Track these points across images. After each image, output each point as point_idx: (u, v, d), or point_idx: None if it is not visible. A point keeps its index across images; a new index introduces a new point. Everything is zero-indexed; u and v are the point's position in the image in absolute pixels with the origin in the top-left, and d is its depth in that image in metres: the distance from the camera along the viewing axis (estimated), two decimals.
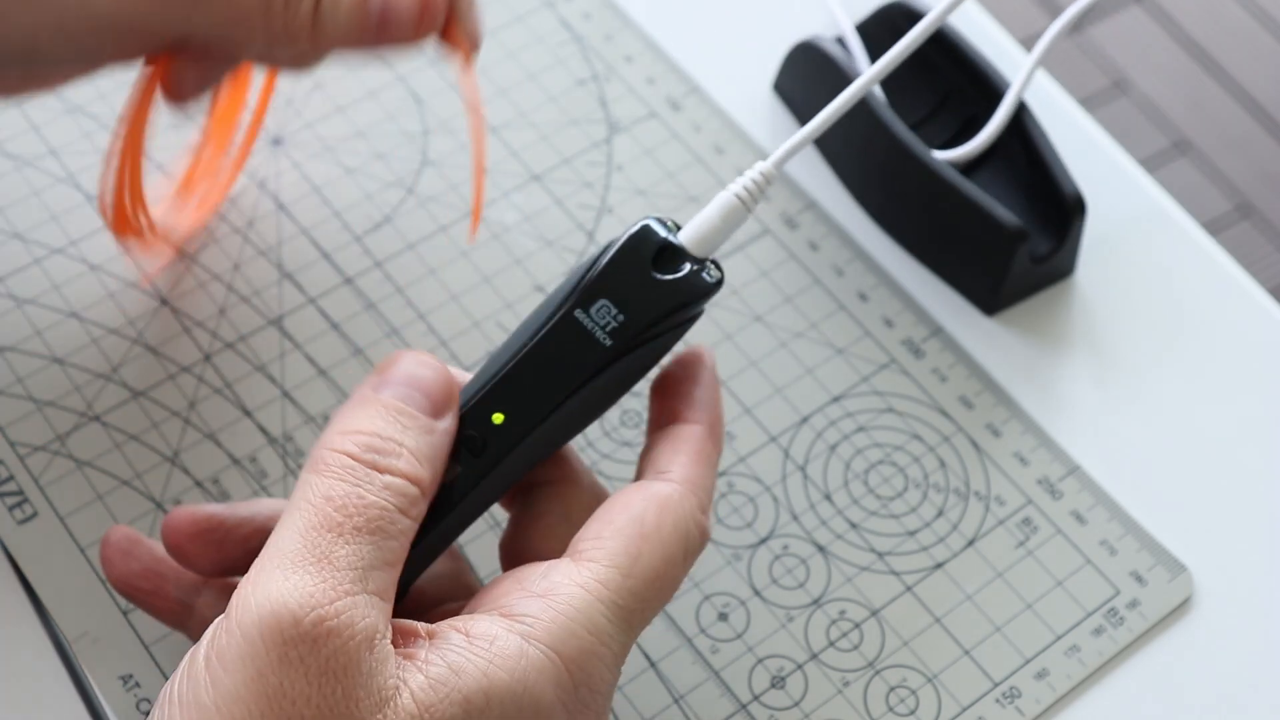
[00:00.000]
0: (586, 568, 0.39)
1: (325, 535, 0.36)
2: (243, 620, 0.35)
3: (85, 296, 0.52)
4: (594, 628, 0.38)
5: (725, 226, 0.43)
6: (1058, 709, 0.48)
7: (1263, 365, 0.55)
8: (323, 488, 0.37)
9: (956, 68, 0.57)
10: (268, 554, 0.37)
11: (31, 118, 0.56)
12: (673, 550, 0.40)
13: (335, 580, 0.36)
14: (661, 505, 0.40)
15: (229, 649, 0.35)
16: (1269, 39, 1.70)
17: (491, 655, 0.36)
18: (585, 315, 0.41)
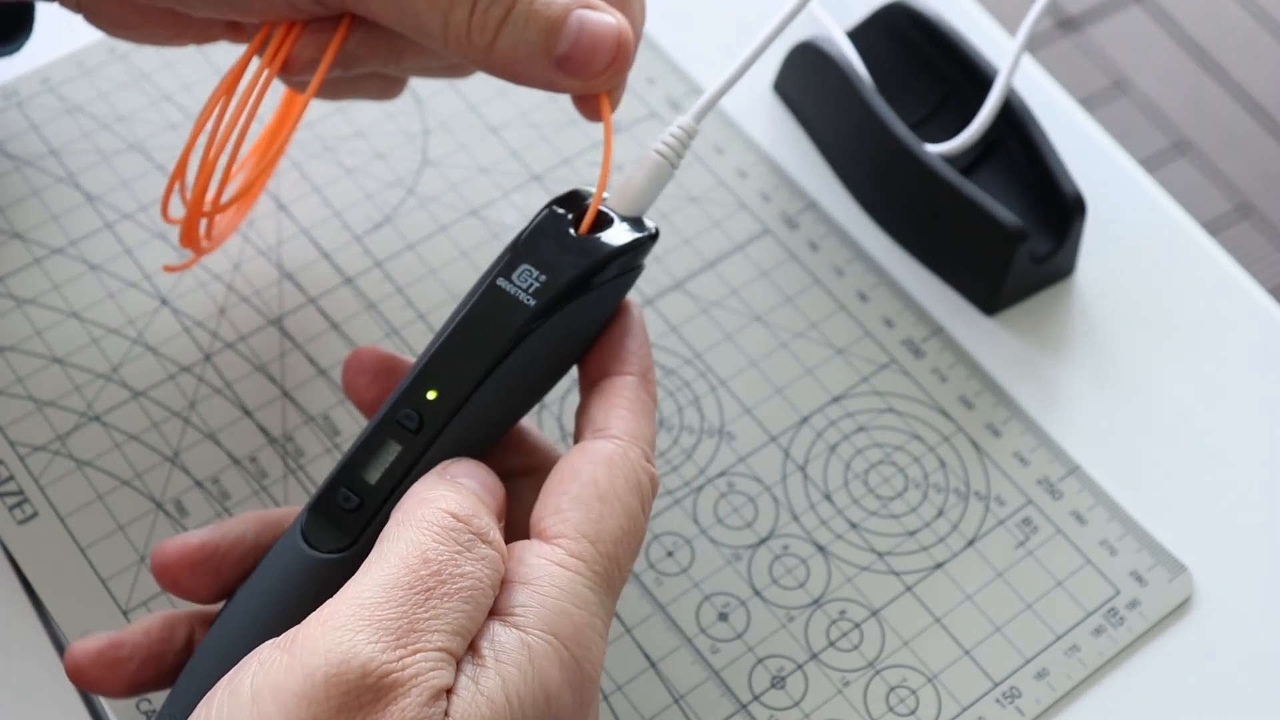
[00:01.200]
0: (557, 544, 0.39)
1: (413, 597, 0.36)
2: (308, 661, 0.35)
3: (85, 296, 0.52)
4: (581, 601, 0.38)
5: (651, 185, 0.43)
6: (1058, 709, 0.48)
7: (1262, 365, 0.55)
8: (420, 546, 0.37)
9: (956, 68, 0.57)
10: (346, 602, 0.36)
11: (31, 118, 0.56)
12: (631, 505, 0.40)
13: (413, 641, 0.35)
14: (610, 464, 0.41)
15: (286, 686, 0.35)
16: (1269, 39, 1.70)
17: (499, 659, 0.37)
18: (508, 282, 0.41)
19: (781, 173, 0.58)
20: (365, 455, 0.41)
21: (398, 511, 0.39)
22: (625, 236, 0.42)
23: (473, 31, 0.42)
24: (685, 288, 0.55)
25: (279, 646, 0.36)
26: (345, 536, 0.40)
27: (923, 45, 0.58)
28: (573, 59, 0.42)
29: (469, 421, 0.41)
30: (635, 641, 0.48)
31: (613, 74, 0.43)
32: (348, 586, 0.37)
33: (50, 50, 0.58)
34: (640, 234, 0.43)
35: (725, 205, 0.57)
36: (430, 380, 0.41)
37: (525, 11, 0.42)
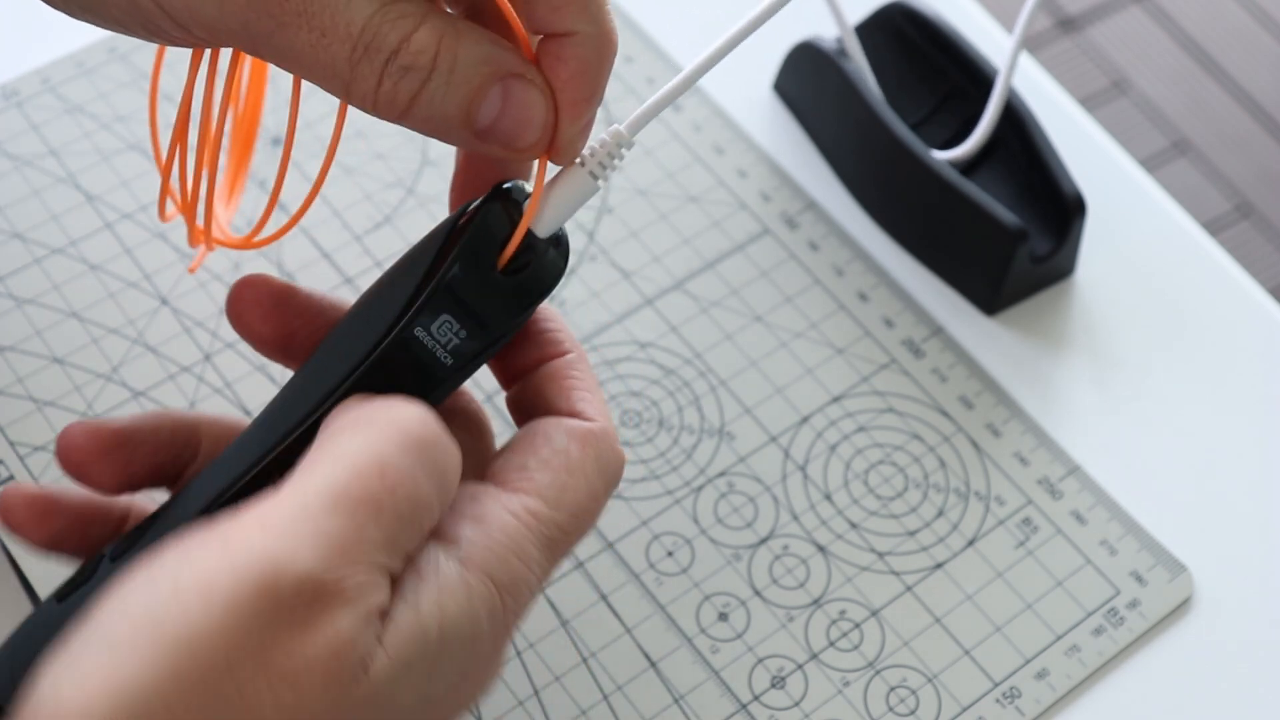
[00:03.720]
0: (515, 497, 0.38)
1: (363, 510, 0.34)
2: (240, 562, 0.33)
3: (85, 296, 0.52)
4: (524, 555, 0.37)
5: (571, 201, 0.40)
6: (1058, 709, 0.48)
7: (1262, 365, 0.55)
8: (380, 455, 0.35)
9: (956, 68, 0.57)
10: (290, 503, 0.34)
11: (31, 118, 0.56)
12: (596, 485, 0.40)
13: (354, 556, 0.34)
14: (584, 439, 0.40)
15: (215, 586, 0.32)
16: (1268, 39, 1.70)
17: (440, 585, 0.35)
18: (426, 334, 0.38)
19: (781, 173, 0.58)
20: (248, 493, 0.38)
21: (355, 409, 0.37)
22: (548, 273, 0.40)
23: (380, 103, 0.38)
24: (685, 288, 0.55)
25: (208, 541, 0.34)
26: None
27: (923, 45, 0.58)
28: (494, 133, 0.38)
29: None
30: (635, 641, 0.48)
31: (535, 151, 0.39)
32: (294, 480, 0.35)
33: (50, 50, 0.58)
34: (557, 263, 0.40)
35: (725, 205, 0.57)
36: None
37: (443, 83, 0.38)
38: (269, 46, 0.38)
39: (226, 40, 0.38)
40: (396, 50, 0.37)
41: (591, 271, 0.55)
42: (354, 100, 0.38)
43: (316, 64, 0.38)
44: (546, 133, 0.39)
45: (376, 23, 0.37)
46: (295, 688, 0.33)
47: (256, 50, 0.38)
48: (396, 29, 0.37)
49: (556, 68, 0.39)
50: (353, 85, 0.38)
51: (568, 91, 0.39)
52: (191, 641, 0.32)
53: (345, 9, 0.37)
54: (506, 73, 0.38)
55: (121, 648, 0.32)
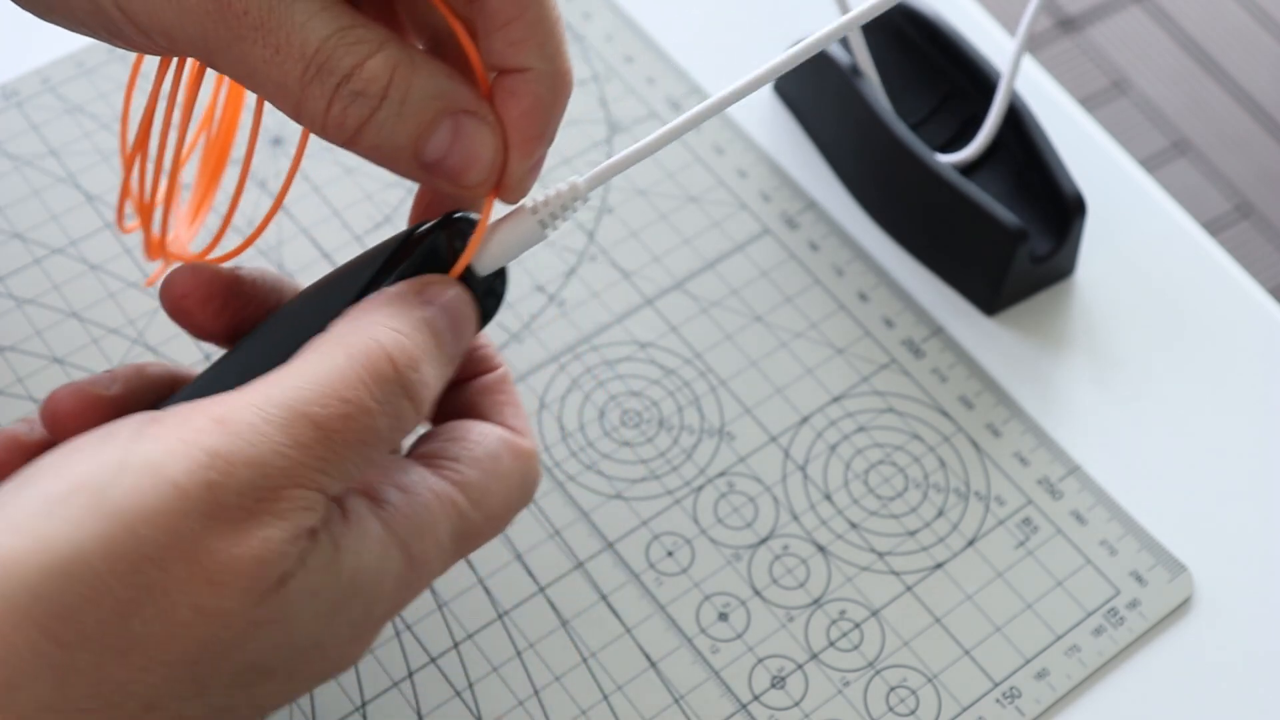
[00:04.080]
0: (442, 483, 0.39)
1: (315, 432, 0.35)
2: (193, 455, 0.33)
3: (85, 296, 0.52)
4: (438, 539, 0.38)
5: (516, 246, 0.40)
6: (1058, 709, 0.48)
7: (1262, 365, 0.55)
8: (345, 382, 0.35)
9: (956, 68, 0.57)
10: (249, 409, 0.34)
11: (31, 118, 0.56)
12: (514, 498, 0.41)
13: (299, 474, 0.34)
14: (517, 454, 0.41)
15: (163, 469, 0.33)
16: (1268, 39, 1.70)
17: (362, 533, 0.36)
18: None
19: (781, 173, 0.58)
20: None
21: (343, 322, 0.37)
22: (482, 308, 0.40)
23: (329, 126, 0.38)
24: (685, 288, 0.55)
25: (162, 423, 0.34)
26: None
27: (923, 45, 0.58)
28: (441, 167, 0.38)
29: None
30: (635, 641, 0.48)
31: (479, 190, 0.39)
32: (262, 384, 0.35)
33: (50, 50, 0.58)
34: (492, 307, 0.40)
35: (725, 205, 0.57)
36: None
37: (393, 113, 0.37)
38: (225, 58, 0.38)
39: (185, 48, 0.38)
40: (349, 75, 0.37)
41: (591, 271, 0.55)
42: (303, 121, 0.38)
43: (269, 80, 0.37)
44: (494, 172, 0.39)
45: (332, 45, 0.37)
46: (214, 586, 0.33)
47: (213, 61, 0.38)
48: (351, 54, 0.37)
49: (509, 103, 0.39)
50: (303, 105, 0.38)
51: (519, 128, 0.39)
52: (130, 516, 0.33)
53: (301, 29, 0.37)
54: (458, 108, 0.38)
55: (58, 506, 0.33)
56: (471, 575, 0.48)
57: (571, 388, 0.52)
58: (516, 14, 0.38)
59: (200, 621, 0.33)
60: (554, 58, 0.39)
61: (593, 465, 0.51)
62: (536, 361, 0.52)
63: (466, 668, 0.47)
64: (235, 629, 0.34)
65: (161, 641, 0.33)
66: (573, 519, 0.50)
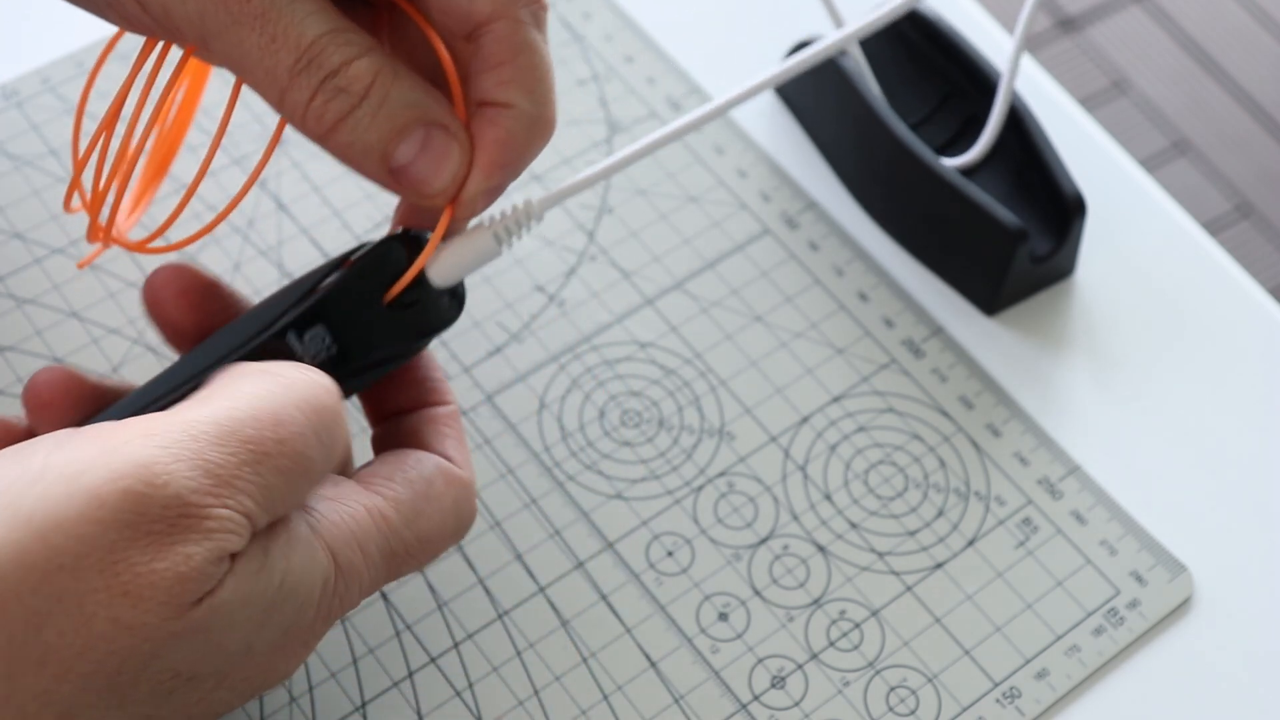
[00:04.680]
0: (373, 496, 0.39)
1: (247, 452, 0.34)
2: (115, 465, 0.33)
3: (85, 296, 0.52)
4: (366, 549, 0.38)
5: (472, 261, 0.41)
6: (1058, 709, 0.48)
7: (1262, 365, 0.55)
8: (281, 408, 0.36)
9: (956, 68, 0.57)
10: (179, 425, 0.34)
11: (31, 117, 0.56)
12: (448, 525, 0.41)
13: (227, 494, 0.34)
14: (450, 481, 0.41)
15: (83, 479, 0.33)
16: (1268, 39, 1.70)
17: (290, 538, 0.36)
18: (297, 340, 0.40)
19: (782, 173, 0.58)
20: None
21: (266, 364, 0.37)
22: (434, 316, 0.41)
23: (308, 118, 0.40)
24: (685, 288, 0.55)
25: (86, 435, 0.34)
26: None
27: (923, 45, 0.58)
28: (406, 174, 0.40)
29: None
30: (635, 641, 0.48)
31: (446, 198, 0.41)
32: (187, 406, 0.35)
33: (50, 50, 0.58)
34: (444, 314, 0.41)
35: (725, 205, 0.57)
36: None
37: (370, 114, 0.39)
38: (219, 41, 0.39)
39: (180, 27, 0.39)
40: (336, 70, 0.39)
41: (591, 271, 0.55)
42: (285, 110, 0.40)
43: (259, 68, 0.39)
44: (455, 186, 0.40)
45: (325, 42, 0.39)
46: (132, 599, 0.33)
47: (205, 43, 0.39)
48: (340, 52, 0.39)
49: (485, 129, 0.40)
50: (287, 94, 0.39)
51: (488, 152, 0.40)
52: (43, 524, 0.32)
53: (299, 23, 0.38)
54: (432, 120, 0.40)
55: None
56: (471, 575, 0.48)
57: (571, 388, 0.52)
58: (509, 58, 0.40)
59: (117, 634, 0.33)
60: (539, 102, 0.40)
61: (593, 465, 0.51)
62: (536, 361, 0.52)
63: (466, 668, 0.47)
64: (155, 641, 0.33)
65: (77, 652, 0.33)
66: (573, 519, 0.50)
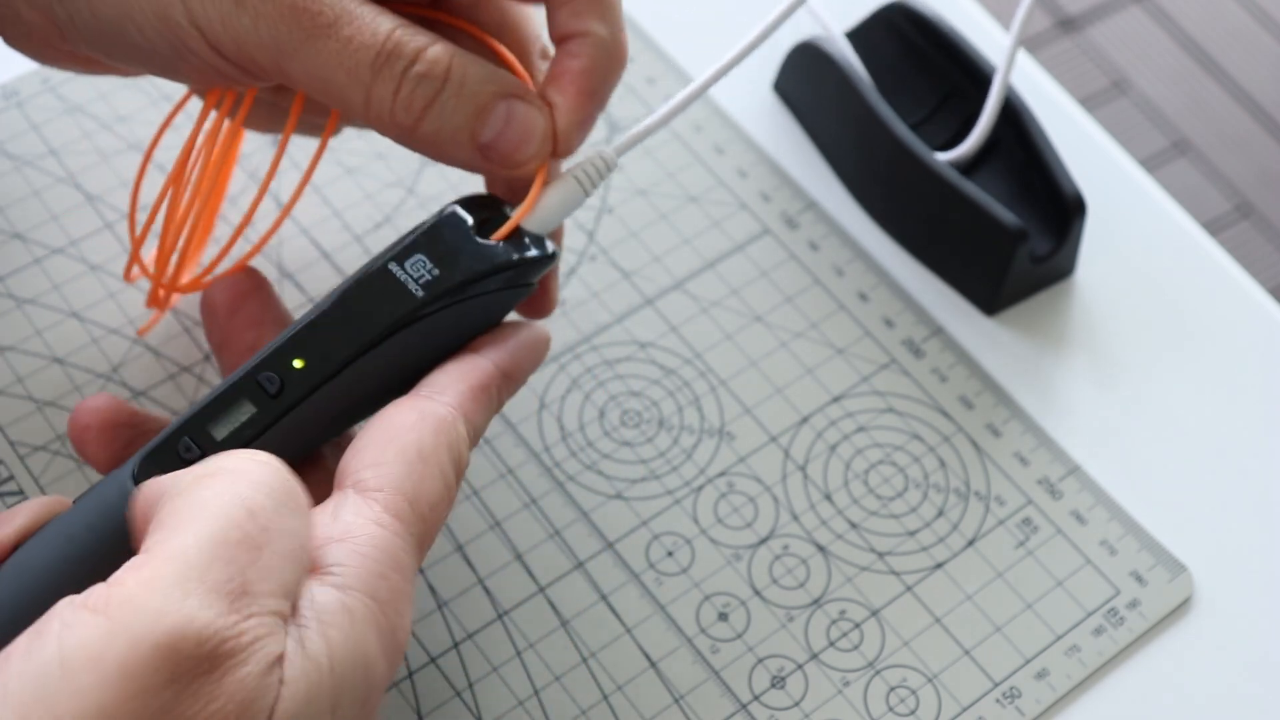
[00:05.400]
0: (375, 500, 0.37)
1: (243, 554, 0.33)
2: (133, 626, 0.31)
3: (85, 296, 0.52)
4: (398, 565, 0.37)
5: (560, 208, 0.43)
6: (1058, 709, 0.48)
7: (1262, 365, 0.55)
8: (241, 497, 0.34)
9: (956, 68, 0.57)
10: (168, 560, 0.33)
11: (31, 118, 0.56)
12: (449, 475, 0.39)
13: (247, 604, 0.33)
14: (437, 428, 0.39)
15: (106, 655, 0.31)
16: (1268, 39, 1.70)
17: (321, 620, 0.35)
18: (400, 269, 0.41)
19: (782, 173, 0.58)
20: (217, 410, 0.40)
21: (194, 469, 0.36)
22: (525, 251, 0.42)
23: (397, 110, 0.41)
24: (685, 288, 0.55)
25: (86, 607, 0.32)
26: None
27: (922, 45, 0.58)
28: (496, 148, 0.41)
29: (329, 398, 0.40)
30: (635, 641, 0.48)
31: (527, 165, 0.42)
32: (163, 540, 0.33)
33: None
34: (539, 252, 0.42)
35: (725, 205, 0.57)
36: (300, 348, 0.40)
37: (454, 95, 0.41)
38: (296, 60, 0.40)
39: (253, 58, 0.41)
40: (414, 58, 0.40)
41: (591, 271, 0.55)
42: (372, 109, 0.41)
43: (341, 70, 0.40)
44: (545, 148, 0.42)
45: (399, 34, 0.40)
46: None
47: (281, 67, 0.41)
48: (415, 40, 0.41)
49: (568, 62, 0.42)
50: (373, 91, 0.40)
51: (575, 83, 0.42)
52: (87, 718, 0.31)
53: (371, 21, 0.40)
54: (510, 92, 0.41)
55: None
56: (471, 575, 0.48)
57: (571, 388, 0.52)
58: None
59: None
60: (612, 27, 0.42)
61: (593, 465, 0.51)
62: None
63: (466, 668, 0.47)
64: None
65: None
66: (573, 519, 0.50)
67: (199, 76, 0.43)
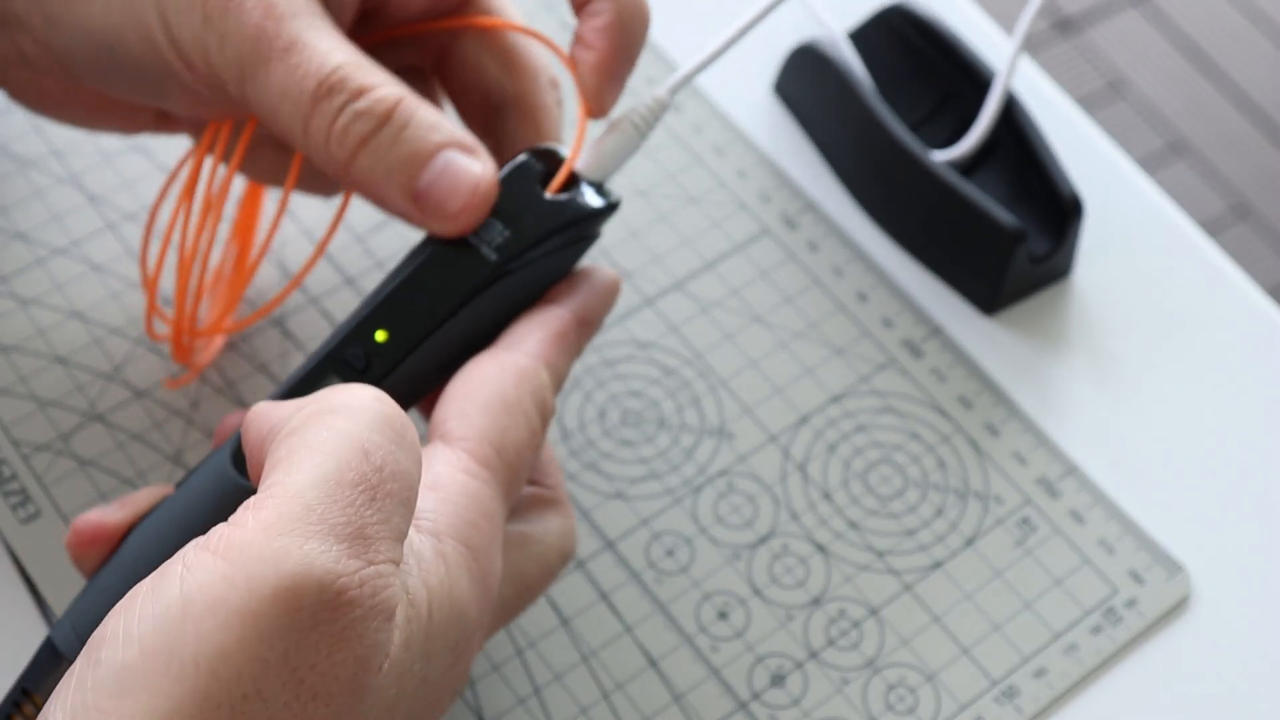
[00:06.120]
0: (462, 449, 0.38)
1: (357, 494, 0.33)
2: (253, 571, 0.31)
3: (87, 296, 0.53)
4: (487, 513, 0.37)
5: (619, 151, 0.44)
6: (1056, 708, 0.48)
7: (1260, 365, 0.55)
8: (358, 437, 0.34)
9: (955, 68, 0.57)
10: (287, 501, 0.32)
11: (34, 118, 0.56)
12: (534, 421, 0.40)
13: (365, 549, 0.32)
14: (519, 377, 0.40)
15: (228, 600, 0.31)
16: (1265, 41, 1.70)
17: (421, 568, 0.35)
18: (473, 234, 0.41)
19: (781, 174, 0.58)
20: (306, 389, 0.40)
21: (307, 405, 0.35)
22: (592, 201, 0.43)
23: (331, 142, 0.41)
24: (685, 288, 0.55)
25: (208, 549, 0.32)
26: None
27: (922, 47, 0.58)
28: (429, 197, 0.41)
29: (414, 368, 0.41)
30: (635, 640, 0.48)
31: (461, 224, 0.41)
32: (278, 479, 0.33)
33: None
34: (606, 201, 0.43)
35: (725, 206, 0.57)
36: (381, 322, 0.41)
37: (392, 137, 0.41)
38: (252, 84, 0.41)
39: (221, 79, 0.41)
40: (357, 94, 0.40)
41: None
42: (309, 139, 0.41)
43: (285, 96, 0.41)
44: (474, 201, 0.41)
45: (347, 69, 0.41)
46: (323, 701, 0.32)
47: (242, 91, 0.41)
48: (361, 78, 0.41)
49: (590, 22, 0.43)
50: (311, 120, 0.41)
51: (600, 41, 0.43)
52: (211, 662, 0.31)
53: (324, 53, 0.41)
54: (455, 141, 0.41)
55: (135, 678, 0.31)
56: None
57: (572, 388, 0.52)
58: None
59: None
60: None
61: (593, 464, 0.51)
62: None
63: None
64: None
65: None
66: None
67: (186, 100, 0.43)
